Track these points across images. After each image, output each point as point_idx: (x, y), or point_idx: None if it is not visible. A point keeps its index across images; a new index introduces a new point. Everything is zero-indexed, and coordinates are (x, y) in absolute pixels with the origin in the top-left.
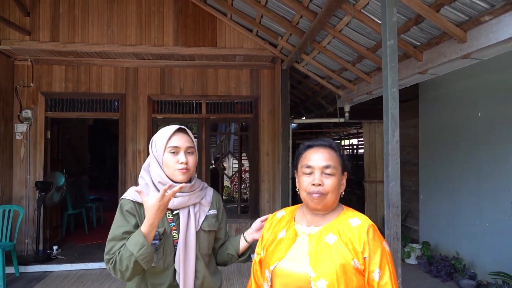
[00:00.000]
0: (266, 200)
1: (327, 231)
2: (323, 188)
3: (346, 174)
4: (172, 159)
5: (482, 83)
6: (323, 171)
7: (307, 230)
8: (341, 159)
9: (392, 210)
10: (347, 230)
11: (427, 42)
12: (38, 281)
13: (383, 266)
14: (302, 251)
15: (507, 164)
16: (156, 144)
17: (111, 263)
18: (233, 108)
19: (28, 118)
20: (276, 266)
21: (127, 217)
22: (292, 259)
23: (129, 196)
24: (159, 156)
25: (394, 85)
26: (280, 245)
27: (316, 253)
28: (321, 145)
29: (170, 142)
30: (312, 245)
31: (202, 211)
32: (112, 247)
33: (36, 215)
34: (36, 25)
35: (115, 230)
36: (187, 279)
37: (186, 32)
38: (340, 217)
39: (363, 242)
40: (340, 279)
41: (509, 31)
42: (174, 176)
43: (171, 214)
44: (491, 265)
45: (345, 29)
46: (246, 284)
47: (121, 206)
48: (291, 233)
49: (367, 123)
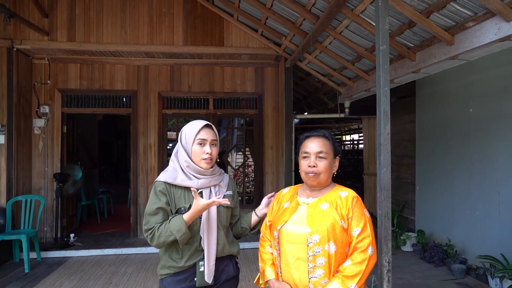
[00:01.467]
0: (270, 191)
1: (322, 201)
2: (317, 169)
3: (338, 158)
4: (200, 150)
5: (474, 81)
6: (317, 155)
7: (306, 201)
8: (333, 146)
9: (383, 193)
10: (337, 199)
11: (419, 44)
12: (59, 265)
13: (365, 227)
14: (302, 215)
15: (495, 157)
16: (186, 135)
17: (150, 234)
18: (239, 104)
19: (45, 114)
20: (282, 227)
21: (159, 196)
22: (294, 222)
23: (162, 178)
24: (189, 146)
25: (386, 85)
26: (285, 212)
27: (313, 216)
28: (316, 135)
29: (198, 135)
30: (310, 211)
31: (220, 191)
32: (149, 221)
33: (55, 204)
34: (54, 26)
35: (150, 206)
36: (210, 244)
37: (195, 32)
38: (333, 191)
39: (348, 207)
40: (329, 234)
41: (489, 36)
42: (200, 164)
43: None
44: (480, 251)
45: (345, 31)
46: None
47: (155, 187)
48: (294, 203)
49: (366, 119)
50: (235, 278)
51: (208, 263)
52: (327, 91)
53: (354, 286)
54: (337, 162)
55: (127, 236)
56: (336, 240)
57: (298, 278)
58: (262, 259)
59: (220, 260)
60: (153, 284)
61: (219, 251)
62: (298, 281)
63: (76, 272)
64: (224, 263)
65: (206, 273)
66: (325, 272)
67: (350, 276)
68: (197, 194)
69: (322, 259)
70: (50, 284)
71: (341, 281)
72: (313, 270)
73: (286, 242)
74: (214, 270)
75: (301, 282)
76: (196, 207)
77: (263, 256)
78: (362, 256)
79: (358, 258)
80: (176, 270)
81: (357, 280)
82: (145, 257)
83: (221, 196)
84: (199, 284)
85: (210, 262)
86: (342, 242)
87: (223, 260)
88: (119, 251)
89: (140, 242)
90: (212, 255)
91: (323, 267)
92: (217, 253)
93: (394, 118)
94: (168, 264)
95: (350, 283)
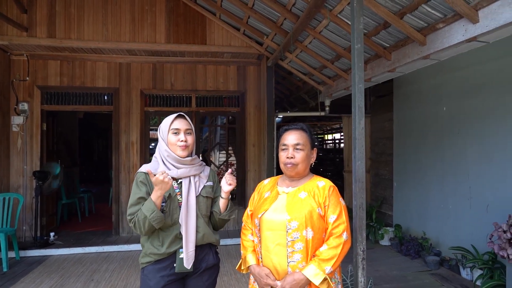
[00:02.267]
0: (252, 188)
1: (301, 190)
2: (294, 160)
3: (315, 150)
4: (174, 138)
5: (447, 80)
6: (294, 147)
7: (286, 190)
8: (310, 138)
9: (358, 185)
10: (315, 188)
11: (394, 44)
12: (39, 263)
13: (340, 214)
14: (282, 204)
15: (467, 153)
16: (162, 128)
17: (132, 223)
18: (221, 102)
19: (24, 111)
20: (263, 215)
21: (140, 186)
22: (274, 210)
23: (143, 169)
24: (165, 136)
25: (360, 82)
26: (266, 201)
27: (292, 204)
28: (294, 128)
29: (172, 125)
30: (289, 199)
31: (201, 181)
32: (131, 211)
33: (34, 203)
34: (33, 21)
35: (132, 197)
36: (188, 231)
37: (177, 30)
38: (311, 181)
39: (325, 196)
40: (307, 221)
41: (457, 37)
42: (176, 151)
43: (176, 183)
44: (452, 243)
45: (324, 31)
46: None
47: (136, 178)
48: (274, 193)
49: (346, 117)
50: (215, 266)
51: (187, 250)
52: (308, 90)
53: (329, 268)
54: (314, 153)
55: (108, 234)
56: (314, 226)
57: (277, 263)
58: (243, 246)
59: (200, 248)
60: (135, 281)
61: (199, 239)
62: (278, 265)
63: (57, 270)
64: (204, 251)
65: (185, 258)
66: (303, 256)
67: (326, 260)
68: (151, 174)
69: (300, 244)
70: (30, 282)
71: (318, 264)
72: (292, 255)
73: (267, 229)
74: (193, 256)
75: (280, 267)
76: (154, 185)
77: (245, 243)
78: (337, 241)
79: (334, 243)
80: (157, 258)
81: (333, 263)
82: (127, 254)
83: (200, 185)
84: (178, 270)
85: (189, 248)
86: (319, 228)
87: (203, 249)
88: (100, 249)
89: (122, 239)
90: (190, 242)
91: (301, 252)
92: (198, 240)
93: (373, 117)
94: (149, 251)
95: (326, 265)
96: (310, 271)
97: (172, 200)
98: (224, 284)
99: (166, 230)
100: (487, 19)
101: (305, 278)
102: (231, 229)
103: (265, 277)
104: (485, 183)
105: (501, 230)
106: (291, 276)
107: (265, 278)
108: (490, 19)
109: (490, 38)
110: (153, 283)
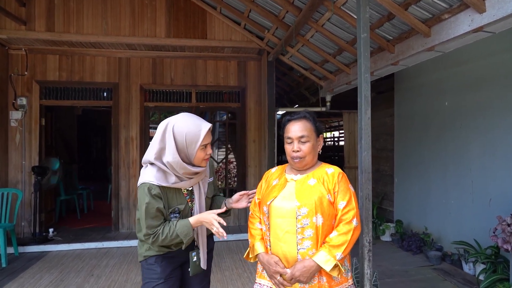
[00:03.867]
0: (252, 184)
1: (310, 177)
2: (301, 153)
3: (322, 136)
4: (203, 154)
5: (449, 74)
6: (299, 140)
7: (295, 177)
8: (314, 126)
9: (364, 175)
10: (324, 175)
11: (398, 36)
12: (38, 259)
13: (350, 201)
14: (290, 191)
15: (469, 148)
16: (189, 139)
17: (153, 237)
18: (221, 98)
19: (23, 106)
20: (272, 202)
21: (156, 199)
22: (283, 197)
23: (155, 181)
24: (192, 151)
25: (366, 71)
26: (274, 188)
27: (301, 191)
28: (297, 118)
29: (203, 141)
30: (298, 186)
31: (205, 181)
32: (150, 224)
33: (33, 198)
34: (31, 15)
35: (149, 209)
36: (203, 237)
37: (178, 25)
38: (319, 168)
39: (334, 183)
40: (317, 207)
41: (463, 27)
42: (200, 163)
43: (186, 190)
44: (454, 238)
45: (327, 23)
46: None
47: (149, 189)
48: (283, 180)
49: (347, 113)
50: (211, 251)
51: (204, 254)
52: (309, 86)
53: (340, 254)
54: (321, 140)
55: (108, 230)
56: (323, 213)
57: (287, 250)
58: (251, 235)
59: None
60: (136, 276)
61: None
62: (287, 253)
63: (56, 265)
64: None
65: (202, 262)
66: (313, 243)
67: (336, 246)
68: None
69: (310, 231)
70: (29, 278)
71: (328, 250)
72: (302, 242)
73: (276, 217)
74: (206, 257)
75: (290, 254)
76: (205, 218)
77: (253, 232)
78: (347, 227)
79: (344, 229)
80: (166, 251)
81: (343, 249)
82: (127, 250)
83: (206, 186)
84: (193, 273)
85: (204, 252)
86: (328, 214)
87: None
88: (100, 245)
89: (122, 235)
90: (205, 247)
91: (310, 239)
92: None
93: (374, 112)
94: (157, 248)
95: (337, 252)
96: (321, 257)
97: (185, 208)
98: (225, 279)
99: None
100: (494, 8)
101: (316, 265)
102: (232, 225)
103: (274, 265)
104: (487, 177)
105: (505, 224)
106: (301, 263)
107: (274, 266)
108: (497, 8)
109: (497, 28)
110: (160, 270)
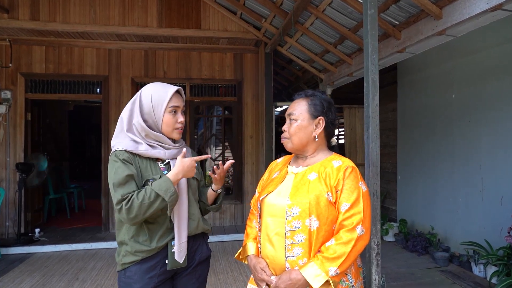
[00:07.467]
0: (249, 182)
1: (311, 170)
2: (285, 133)
3: (321, 118)
4: (173, 119)
5: (456, 66)
6: (290, 118)
7: (295, 170)
8: (310, 106)
9: (372, 169)
10: (328, 168)
11: (405, 21)
12: (21, 261)
13: (356, 202)
14: (287, 186)
15: (478, 142)
16: (154, 101)
17: (127, 204)
18: (217, 92)
19: (7, 99)
20: (265, 198)
21: (126, 164)
22: (278, 193)
23: (121, 147)
24: (159, 114)
25: (374, 52)
26: (273, 182)
27: (297, 186)
28: (297, 97)
29: (171, 102)
30: (296, 181)
31: None
32: (120, 191)
33: (17, 197)
34: (14, 2)
35: (118, 175)
36: (180, 219)
37: (170, 14)
38: (326, 160)
39: (338, 179)
40: (311, 208)
41: (480, 5)
42: (171, 134)
43: (163, 164)
44: (463, 238)
45: (328, 9)
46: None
47: (116, 155)
48: (283, 173)
49: (347, 108)
50: (207, 260)
51: (179, 240)
52: (308, 80)
53: (334, 269)
54: (321, 122)
55: (98, 230)
56: (320, 215)
57: (275, 256)
58: (246, 233)
59: (194, 238)
60: None
61: (194, 228)
62: (275, 258)
63: (40, 268)
64: (198, 242)
65: (177, 251)
66: (304, 251)
67: (331, 258)
68: (184, 153)
69: (301, 235)
70: (9, 282)
71: (320, 262)
72: (291, 248)
73: (267, 215)
74: (186, 248)
75: (278, 260)
76: (182, 164)
77: (248, 230)
78: (348, 236)
79: (344, 237)
80: (145, 255)
81: (339, 263)
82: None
83: None
84: (171, 267)
85: (182, 238)
86: (327, 218)
87: (197, 239)
88: (88, 246)
89: (112, 236)
90: (183, 231)
91: (302, 245)
92: (192, 230)
93: None
94: (134, 249)
95: (331, 266)
96: (310, 270)
97: None
98: (220, 283)
99: (153, 220)
100: None
101: (303, 279)
102: (228, 224)
103: (260, 272)
104: (498, 173)
105: None
106: (287, 275)
107: (260, 273)
108: None
109: None
110: (139, 286)
